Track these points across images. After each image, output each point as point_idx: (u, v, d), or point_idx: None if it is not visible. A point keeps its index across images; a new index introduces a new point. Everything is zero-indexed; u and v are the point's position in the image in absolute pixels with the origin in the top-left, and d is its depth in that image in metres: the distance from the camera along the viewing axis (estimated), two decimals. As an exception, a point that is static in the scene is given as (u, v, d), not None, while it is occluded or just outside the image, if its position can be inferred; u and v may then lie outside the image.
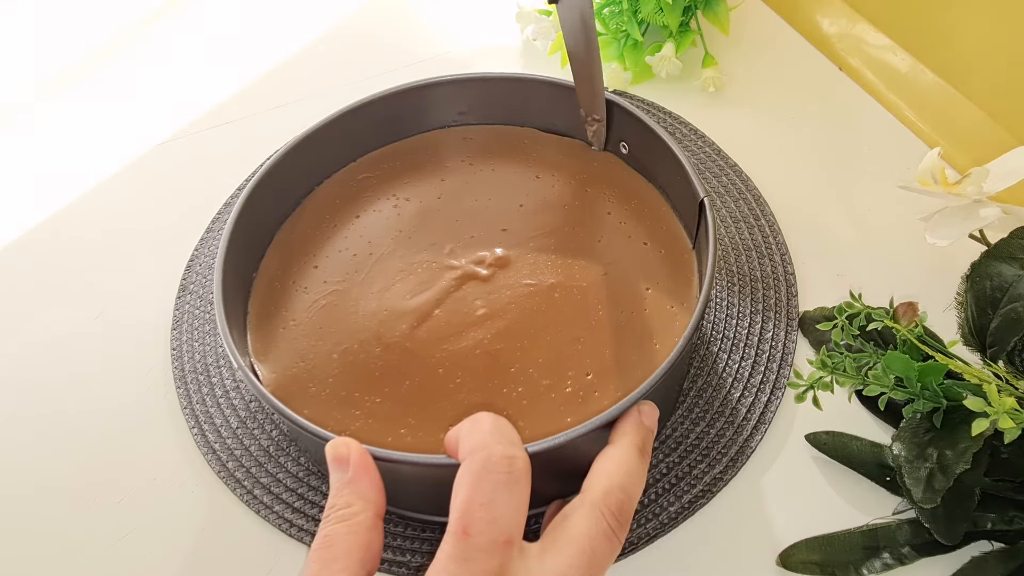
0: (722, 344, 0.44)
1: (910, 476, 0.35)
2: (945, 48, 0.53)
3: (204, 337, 0.46)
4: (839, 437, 0.40)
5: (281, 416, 0.34)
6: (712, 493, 0.39)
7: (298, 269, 0.44)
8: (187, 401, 0.43)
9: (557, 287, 0.42)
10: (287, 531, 0.39)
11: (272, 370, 0.40)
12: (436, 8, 0.68)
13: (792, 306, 0.45)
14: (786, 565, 0.37)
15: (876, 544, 0.37)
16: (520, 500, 0.27)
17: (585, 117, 0.47)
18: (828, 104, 0.57)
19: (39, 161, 0.57)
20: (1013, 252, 0.38)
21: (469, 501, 0.26)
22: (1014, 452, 0.37)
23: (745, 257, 0.48)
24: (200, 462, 0.41)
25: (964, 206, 0.38)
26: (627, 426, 0.33)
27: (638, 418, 0.33)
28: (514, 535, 0.27)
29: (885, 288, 0.43)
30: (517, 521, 0.27)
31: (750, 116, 0.56)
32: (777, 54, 0.61)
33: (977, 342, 0.39)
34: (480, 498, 0.26)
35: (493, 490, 0.27)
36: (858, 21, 0.58)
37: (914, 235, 0.47)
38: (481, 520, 0.26)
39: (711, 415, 0.41)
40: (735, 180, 0.51)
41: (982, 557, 0.36)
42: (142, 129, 0.58)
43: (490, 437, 0.28)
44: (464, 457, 0.28)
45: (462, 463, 0.28)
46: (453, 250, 0.44)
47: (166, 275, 0.49)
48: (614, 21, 0.58)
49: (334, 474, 0.29)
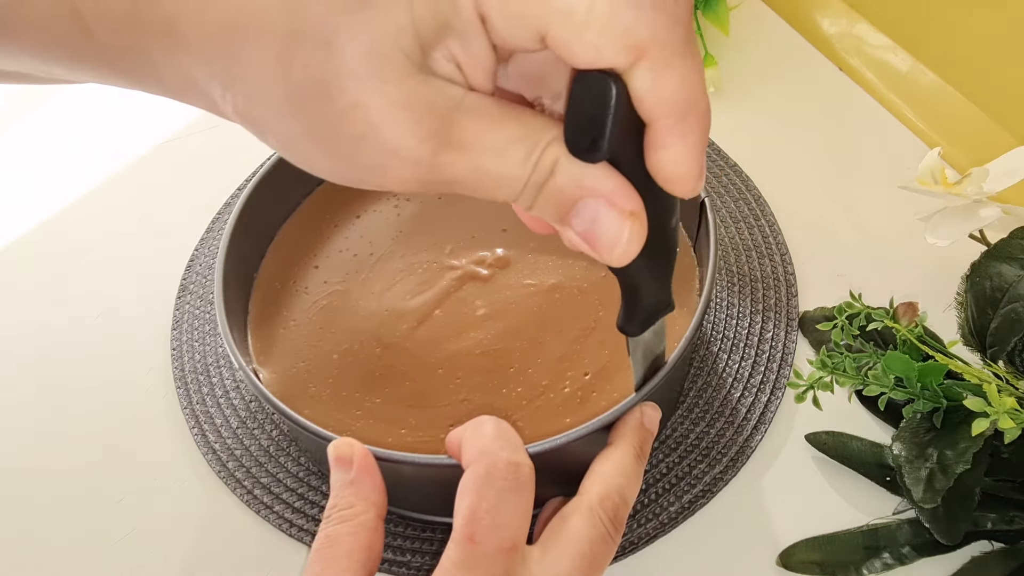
0: (722, 344, 0.44)
1: (910, 476, 0.35)
2: (945, 48, 0.53)
3: (204, 337, 0.46)
4: (839, 437, 0.40)
5: (282, 416, 0.34)
6: (712, 493, 0.39)
7: (298, 269, 0.44)
8: (187, 401, 0.43)
9: (557, 288, 0.42)
10: (287, 531, 0.39)
11: (272, 370, 0.40)
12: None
13: (792, 306, 0.45)
14: (786, 565, 0.37)
15: (876, 544, 0.37)
16: (525, 506, 0.27)
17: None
18: (828, 104, 0.57)
19: (39, 161, 0.57)
20: (1013, 252, 0.38)
21: (475, 508, 0.26)
22: (1014, 452, 0.37)
23: (745, 257, 0.48)
24: (200, 462, 0.41)
25: (964, 206, 0.38)
26: (627, 428, 0.33)
27: (639, 420, 0.33)
28: (519, 541, 0.27)
29: (885, 288, 0.43)
30: (522, 527, 0.27)
31: (750, 116, 0.56)
32: (777, 54, 0.61)
33: (977, 342, 0.39)
34: (486, 504, 0.26)
35: (498, 496, 0.26)
36: (858, 21, 0.58)
37: (914, 235, 0.47)
38: (487, 527, 0.26)
39: (711, 415, 0.41)
40: (735, 180, 0.51)
41: (982, 557, 0.36)
42: (142, 129, 0.58)
43: (494, 442, 0.28)
44: (468, 463, 0.28)
45: (466, 469, 0.28)
46: (453, 250, 0.44)
47: (166, 275, 0.49)
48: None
49: (336, 474, 0.29)
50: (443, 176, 0.20)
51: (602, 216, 0.21)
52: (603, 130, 0.20)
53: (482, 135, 0.20)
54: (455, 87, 0.20)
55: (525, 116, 0.20)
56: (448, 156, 0.20)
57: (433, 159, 0.20)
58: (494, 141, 0.20)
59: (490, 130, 0.20)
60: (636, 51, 0.18)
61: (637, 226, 0.21)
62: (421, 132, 0.19)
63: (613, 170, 0.21)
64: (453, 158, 0.20)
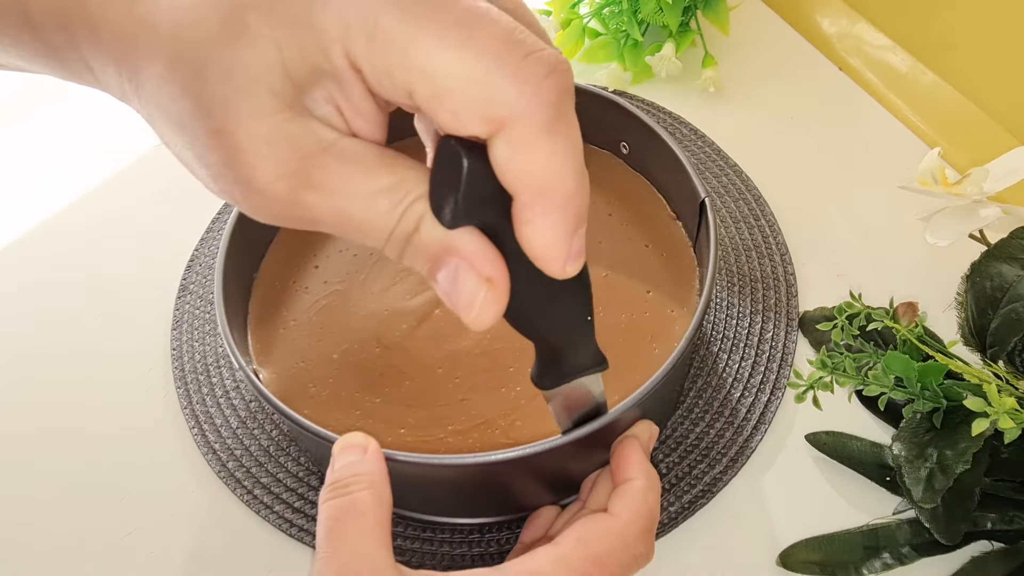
0: (722, 344, 0.44)
1: (910, 476, 0.35)
2: (945, 48, 0.54)
3: (204, 337, 0.46)
4: (839, 437, 0.40)
5: (282, 416, 0.34)
6: (712, 493, 0.39)
7: (298, 269, 0.44)
8: (187, 401, 0.43)
9: (557, 287, 0.42)
10: (287, 531, 0.39)
11: (272, 370, 0.40)
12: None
13: (792, 306, 0.45)
14: (786, 565, 0.37)
15: (876, 544, 0.37)
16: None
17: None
18: (828, 104, 0.57)
19: (39, 161, 0.57)
20: (1013, 252, 0.38)
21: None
22: (1014, 452, 0.37)
23: (745, 257, 0.48)
24: (200, 462, 0.41)
25: (964, 206, 0.38)
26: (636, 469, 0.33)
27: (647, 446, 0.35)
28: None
29: (885, 288, 0.43)
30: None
31: (750, 116, 0.56)
32: (777, 54, 0.61)
33: (977, 342, 0.39)
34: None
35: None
36: (858, 21, 0.58)
37: (914, 235, 0.47)
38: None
39: (711, 415, 0.41)
40: (735, 180, 0.51)
41: (982, 557, 0.36)
42: (143, 128, 0.58)
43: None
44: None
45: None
46: (453, 250, 0.44)
47: (166, 275, 0.49)
48: (614, 21, 0.58)
49: (345, 459, 0.29)
50: (305, 214, 0.20)
51: (462, 277, 0.21)
52: (455, 200, 0.20)
53: (348, 180, 0.20)
54: (329, 130, 0.20)
55: (401, 167, 0.20)
56: (311, 196, 0.20)
57: (291, 196, 0.20)
58: (361, 188, 0.20)
59: (359, 177, 0.20)
60: (495, 123, 0.18)
61: (493, 292, 0.21)
62: (277, 169, 0.19)
63: (477, 233, 0.20)
64: (316, 199, 0.20)
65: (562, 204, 0.19)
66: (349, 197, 0.20)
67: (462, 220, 0.20)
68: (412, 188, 0.20)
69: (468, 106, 0.18)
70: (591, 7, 0.59)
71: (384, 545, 0.27)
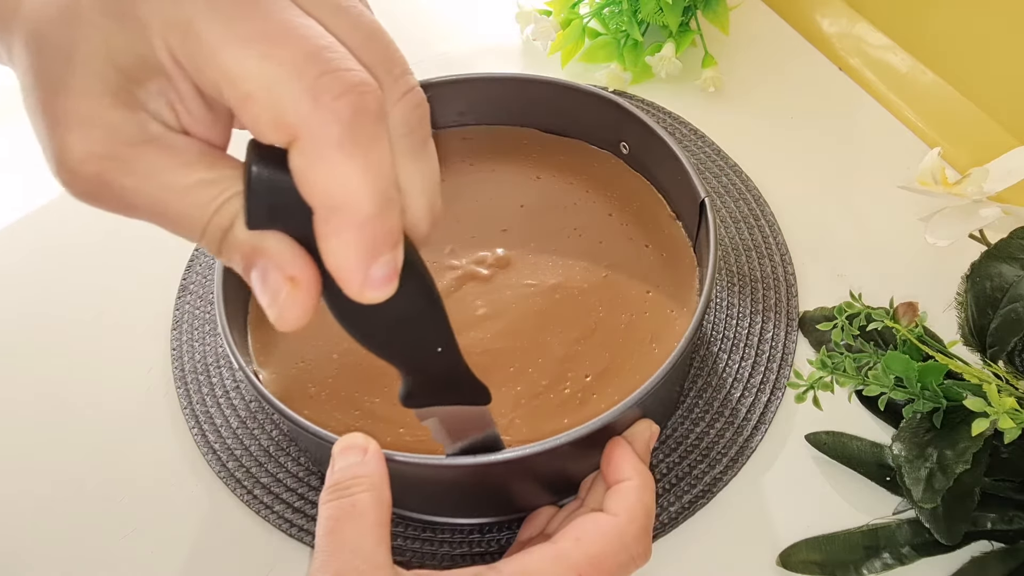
0: (722, 344, 0.44)
1: (910, 476, 0.35)
2: (945, 48, 0.54)
3: (204, 337, 0.46)
4: (839, 437, 0.40)
5: (282, 416, 0.34)
6: (712, 493, 0.39)
7: (298, 269, 0.44)
8: (187, 401, 0.43)
9: (558, 288, 0.42)
10: (287, 531, 0.39)
11: (272, 370, 0.40)
12: (435, 8, 0.68)
13: (792, 306, 0.45)
14: (786, 565, 0.37)
15: (876, 544, 0.37)
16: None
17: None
18: (828, 104, 0.57)
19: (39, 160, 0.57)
20: (1013, 252, 0.38)
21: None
22: (1014, 452, 0.37)
23: (745, 257, 0.48)
24: (200, 462, 0.41)
25: (964, 206, 0.38)
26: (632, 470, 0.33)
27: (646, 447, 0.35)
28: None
29: (885, 288, 0.43)
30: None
31: (750, 116, 0.56)
32: (777, 54, 0.61)
33: (977, 342, 0.39)
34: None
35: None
36: (858, 21, 0.58)
37: (914, 235, 0.47)
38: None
39: (711, 415, 0.41)
40: (735, 180, 0.51)
41: (982, 557, 0.36)
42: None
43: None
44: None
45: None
46: (454, 250, 0.44)
47: (166, 275, 0.49)
48: (614, 21, 0.58)
49: (345, 460, 0.29)
50: (119, 198, 0.21)
51: (269, 276, 0.21)
52: (247, 205, 0.20)
53: (166, 171, 0.20)
54: (158, 124, 0.20)
55: (223, 165, 0.21)
56: (125, 180, 0.20)
57: (101, 178, 0.20)
58: (179, 180, 0.20)
59: (178, 170, 0.20)
60: (288, 133, 0.19)
61: (295, 293, 0.21)
62: (88, 148, 0.20)
63: (284, 236, 0.21)
64: (131, 184, 0.20)
65: (357, 225, 0.20)
66: (164, 188, 0.20)
67: (262, 224, 0.20)
68: (230, 186, 0.20)
69: (264, 112, 0.19)
70: (591, 7, 0.59)
71: (383, 545, 0.27)
